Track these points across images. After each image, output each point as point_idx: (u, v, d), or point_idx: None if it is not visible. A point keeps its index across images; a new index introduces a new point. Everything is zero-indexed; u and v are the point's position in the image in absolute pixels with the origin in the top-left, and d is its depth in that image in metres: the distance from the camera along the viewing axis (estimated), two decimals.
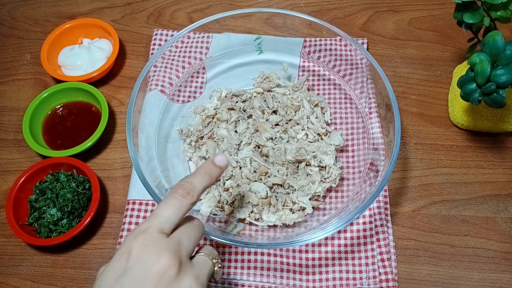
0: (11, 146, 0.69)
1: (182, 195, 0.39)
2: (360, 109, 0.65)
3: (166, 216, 0.38)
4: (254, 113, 0.65)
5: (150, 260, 0.34)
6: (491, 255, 0.58)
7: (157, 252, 0.35)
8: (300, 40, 0.71)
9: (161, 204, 0.39)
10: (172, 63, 0.66)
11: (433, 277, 0.57)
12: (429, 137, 0.67)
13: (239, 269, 0.57)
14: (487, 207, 0.62)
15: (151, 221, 0.37)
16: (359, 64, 0.65)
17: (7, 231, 0.62)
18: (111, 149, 0.68)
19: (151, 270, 0.34)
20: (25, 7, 0.83)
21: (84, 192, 0.61)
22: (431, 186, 0.63)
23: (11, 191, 0.60)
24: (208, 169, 0.43)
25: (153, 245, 0.35)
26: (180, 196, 0.39)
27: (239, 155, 0.61)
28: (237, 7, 0.81)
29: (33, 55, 0.78)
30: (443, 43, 0.75)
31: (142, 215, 0.60)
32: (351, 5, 0.80)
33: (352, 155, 0.64)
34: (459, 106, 0.65)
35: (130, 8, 0.82)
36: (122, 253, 0.35)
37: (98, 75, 0.71)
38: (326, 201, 0.61)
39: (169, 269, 0.34)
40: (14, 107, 0.73)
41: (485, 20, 0.57)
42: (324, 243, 0.58)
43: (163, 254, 0.35)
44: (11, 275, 0.59)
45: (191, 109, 0.67)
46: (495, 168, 0.64)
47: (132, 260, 0.35)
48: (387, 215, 0.60)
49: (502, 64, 0.52)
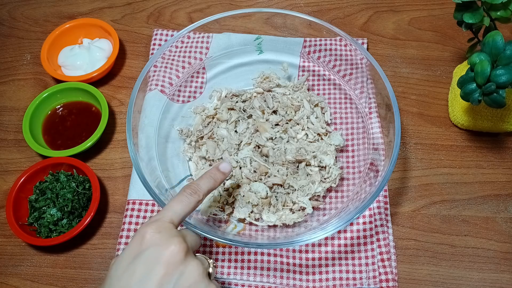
0: (11, 146, 0.69)
1: (190, 193, 0.45)
2: (360, 109, 0.65)
3: (176, 210, 0.43)
4: (254, 113, 0.65)
5: (162, 244, 0.40)
6: (491, 255, 0.58)
7: (168, 238, 0.40)
8: (300, 40, 0.71)
9: (172, 200, 0.45)
10: (172, 63, 0.66)
11: (433, 277, 0.57)
12: (429, 137, 0.67)
13: (239, 269, 0.57)
14: (487, 207, 0.62)
15: (163, 212, 0.43)
16: (359, 64, 0.65)
17: (7, 231, 0.62)
18: (111, 149, 0.68)
19: (163, 253, 0.39)
20: (25, 7, 0.83)
21: (84, 192, 0.61)
22: (431, 186, 0.63)
23: (11, 191, 0.60)
24: (213, 174, 0.49)
25: (165, 231, 0.41)
26: (188, 194, 0.45)
27: (239, 155, 0.61)
28: (237, 7, 0.81)
29: (33, 55, 0.78)
30: (443, 43, 0.75)
31: (142, 215, 0.60)
32: (351, 5, 0.80)
33: (352, 155, 0.64)
34: (459, 106, 0.65)
35: (130, 8, 0.82)
36: (136, 238, 0.41)
37: (98, 75, 0.71)
38: (326, 201, 0.61)
39: (178, 253, 0.39)
40: (14, 107, 0.73)
41: (485, 20, 0.57)
42: (324, 243, 0.58)
43: (173, 240, 0.40)
44: (11, 275, 0.59)
45: (191, 109, 0.67)
46: (495, 168, 0.64)
47: (145, 244, 0.40)
48: (387, 215, 0.60)
49: (502, 64, 0.52)
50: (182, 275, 0.39)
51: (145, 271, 0.39)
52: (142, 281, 0.38)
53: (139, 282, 0.38)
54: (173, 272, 0.39)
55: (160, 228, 0.41)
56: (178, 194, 0.45)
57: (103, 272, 0.59)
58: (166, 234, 0.40)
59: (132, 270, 0.39)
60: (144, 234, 0.40)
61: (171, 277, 0.39)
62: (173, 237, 0.40)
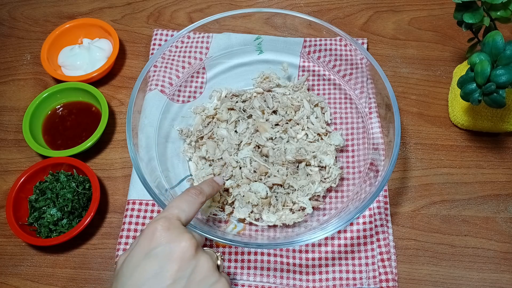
0: (11, 146, 0.69)
1: (195, 194, 0.47)
2: (360, 109, 0.65)
3: (183, 208, 0.44)
4: (254, 113, 0.65)
5: (173, 241, 0.40)
6: (491, 255, 0.58)
7: (178, 234, 0.41)
8: (300, 40, 0.71)
9: (177, 199, 0.46)
10: (172, 63, 0.66)
11: (433, 277, 0.57)
12: (429, 137, 0.67)
13: (239, 269, 0.57)
14: (487, 207, 0.62)
15: (170, 210, 0.44)
16: (359, 64, 0.65)
17: (7, 231, 0.62)
18: (111, 149, 0.68)
19: (175, 249, 0.40)
20: (25, 7, 0.83)
21: (84, 192, 0.61)
22: (431, 186, 0.63)
23: (11, 191, 0.60)
24: (212, 182, 0.52)
25: (174, 228, 0.41)
26: (193, 194, 0.47)
27: (239, 155, 0.61)
28: (237, 7, 0.81)
29: (33, 55, 0.78)
30: (443, 43, 0.75)
31: (142, 215, 0.60)
32: (351, 5, 0.80)
33: (352, 155, 0.64)
34: (459, 106, 0.65)
35: (130, 8, 0.82)
36: (146, 235, 0.41)
37: (98, 75, 0.71)
38: (326, 201, 0.61)
39: (189, 249, 0.40)
40: (14, 107, 0.73)
41: (485, 20, 0.57)
42: (324, 243, 0.58)
43: (183, 236, 0.41)
44: (11, 275, 0.59)
45: (191, 109, 0.67)
46: (495, 168, 0.64)
47: (156, 241, 0.40)
48: (387, 215, 0.60)
49: (502, 64, 0.52)
50: (195, 269, 0.40)
51: (158, 267, 0.39)
52: (156, 277, 0.39)
53: (153, 278, 0.39)
54: (186, 267, 0.40)
55: (169, 225, 0.41)
56: (183, 194, 0.46)
57: (103, 272, 0.59)
58: (175, 231, 0.41)
59: (144, 267, 0.39)
60: (154, 232, 0.41)
61: (184, 272, 0.40)
62: (183, 233, 0.41)
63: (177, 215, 0.43)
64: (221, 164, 0.61)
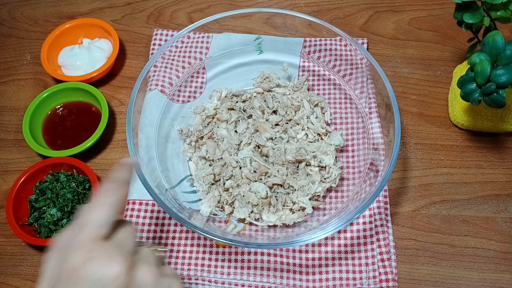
0: (11, 146, 0.69)
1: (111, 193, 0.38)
2: (360, 109, 0.65)
3: (100, 222, 0.35)
4: (254, 113, 0.65)
5: (102, 273, 0.33)
6: (491, 255, 0.58)
7: (104, 263, 0.33)
8: (300, 40, 0.71)
9: (91, 208, 0.36)
10: (172, 63, 0.66)
11: (433, 277, 0.57)
12: (429, 137, 0.67)
13: (239, 269, 0.57)
14: (487, 207, 0.62)
15: (85, 230, 0.35)
16: (359, 64, 0.65)
17: (7, 231, 0.62)
18: (111, 149, 0.68)
19: (107, 282, 0.32)
20: (25, 7, 0.83)
21: (84, 192, 0.61)
22: (431, 186, 0.63)
23: (11, 191, 0.60)
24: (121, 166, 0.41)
25: (100, 255, 0.33)
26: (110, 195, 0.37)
27: (239, 155, 0.61)
28: (237, 7, 0.81)
29: (33, 55, 0.78)
30: (443, 43, 0.75)
31: (142, 215, 0.60)
32: (351, 5, 0.80)
33: (352, 155, 0.64)
34: (459, 106, 0.65)
35: (130, 8, 0.82)
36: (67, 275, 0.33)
37: (98, 75, 0.71)
38: (326, 201, 0.61)
39: (122, 273, 0.33)
40: (14, 107, 0.73)
41: (485, 20, 0.57)
42: (324, 243, 0.58)
43: (111, 262, 0.33)
44: (11, 275, 0.59)
45: (191, 109, 0.67)
46: (495, 168, 0.64)
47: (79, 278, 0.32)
48: (387, 215, 0.60)
49: (502, 64, 0.52)
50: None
51: None
52: None
53: None
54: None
55: (91, 252, 0.33)
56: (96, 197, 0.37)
57: None
58: (101, 259, 0.33)
59: None
60: (77, 269, 0.32)
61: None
62: (111, 258, 0.33)
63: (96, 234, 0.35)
64: (221, 164, 0.61)
